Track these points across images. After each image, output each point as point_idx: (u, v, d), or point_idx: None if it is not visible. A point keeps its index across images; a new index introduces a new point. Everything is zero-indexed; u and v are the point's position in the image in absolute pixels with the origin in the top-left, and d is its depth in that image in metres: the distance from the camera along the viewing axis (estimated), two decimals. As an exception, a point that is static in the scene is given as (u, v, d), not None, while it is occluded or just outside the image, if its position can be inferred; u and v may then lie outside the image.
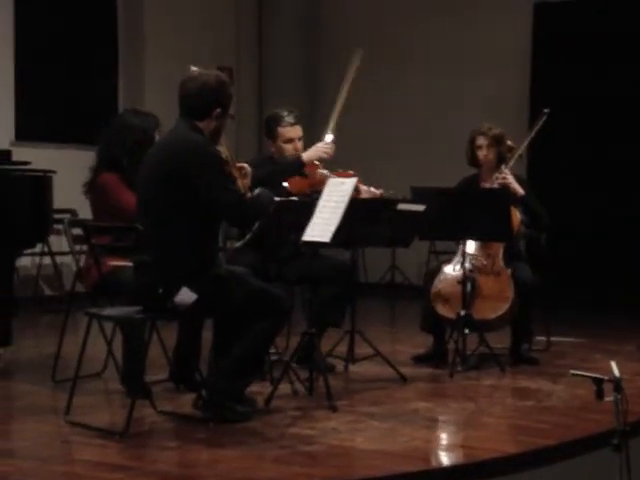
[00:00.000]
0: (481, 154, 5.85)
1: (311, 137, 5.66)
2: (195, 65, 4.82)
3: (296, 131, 5.50)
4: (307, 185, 5.28)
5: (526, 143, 5.95)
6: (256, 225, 4.77)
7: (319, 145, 5.39)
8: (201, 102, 4.26)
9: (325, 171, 5.31)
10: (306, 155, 5.37)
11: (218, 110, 4.28)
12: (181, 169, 4.13)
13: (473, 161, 5.92)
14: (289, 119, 5.47)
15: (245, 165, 4.87)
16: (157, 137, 5.01)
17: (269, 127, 5.55)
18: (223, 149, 4.72)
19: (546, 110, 5.80)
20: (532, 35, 9.39)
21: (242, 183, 4.76)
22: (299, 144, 5.49)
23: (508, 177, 5.76)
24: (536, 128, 5.89)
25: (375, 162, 9.38)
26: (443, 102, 9.81)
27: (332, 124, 5.43)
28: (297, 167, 5.33)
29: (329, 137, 5.42)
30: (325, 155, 5.37)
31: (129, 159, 4.92)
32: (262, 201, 4.39)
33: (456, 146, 6.39)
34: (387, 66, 10.04)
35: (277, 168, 5.34)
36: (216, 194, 4.14)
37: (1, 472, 3.59)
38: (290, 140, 5.47)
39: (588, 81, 8.97)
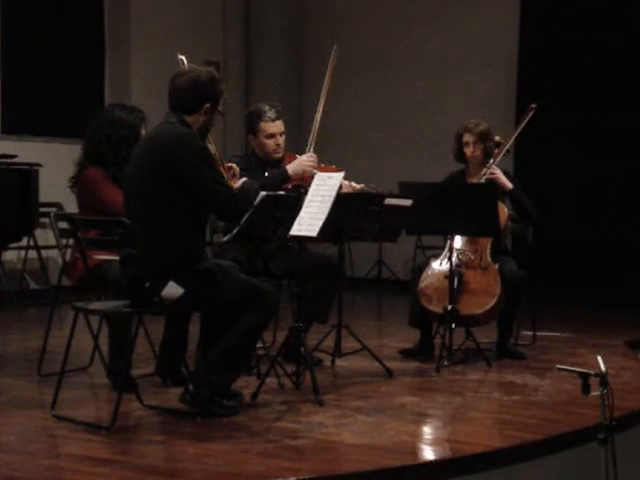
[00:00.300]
0: (468, 151, 5.87)
1: (300, 131, 5.66)
2: (183, 55, 4.82)
3: (278, 126, 5.45)
4: (291, 182, 5.26)
5: (513, 138, 5.96)
6: (244, 219, 4.77)
7: (303, 158, 5.34)
8: (191, 97, 4.25)
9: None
10: (291, 169, 5.30)
11: (208, 105, 4.28)
12: (170, 162, 4.11)
13: (460, 157, 5.94)
14: (270, 114, 5.43)
15: (234, 165, 4.86)
16: (143, 132, 4.99)
17: (251, 122, 5.50)
18: (212, 147, 4.70)
19: (533, 105, 5.81)
20: (519, 30, 9.40)
21: (231, 184, 4.74)
22: (281, 139, 5.46)
23: (496, 172, 5.77)
24: (523, 123, 5.89)
25: (361, 160, 9.41)
26: (429, 100, 9.82)
27: (313, 136, 5.39)
28: (284, 181, 5.28)
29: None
30: (309, 168, 5.30)
31: (115, 154, 4.91)
32: (248, 191, 4.41)
33: (444, 143, 6.41)
34: (372, 65, 10.05)
35: (265, 182, 5.29)
36: (206, 186, 4.13)
37: (-13, 466, 3.58)
38: (272, 135, 5.44)
39: (576, 73, 8.99)
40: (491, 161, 5.83)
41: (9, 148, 6.28)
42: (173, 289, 4.13)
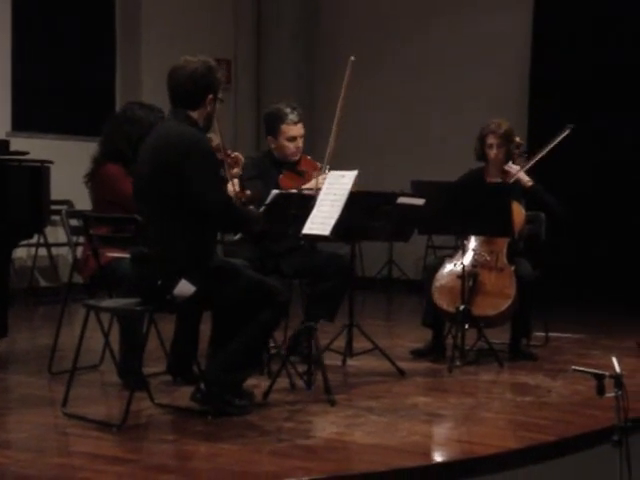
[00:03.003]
0: (492, 153, 5.84)
1: (309, 130, 5.63)
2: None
3: (299, 129, 5.42)
4: (301, 184, 5.22)
5: (541, 155, 5.82)
6: (237, 235, 4.77)
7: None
8: (193, 90, 4.21)
9: (317, 172, 5.26)
10: None
11: (210, 96, 4.25)
12: (175, 163, 4.08)
13: (482, 156, 5.91)
14: (293, 117, 5.38)
15: (238, 154, 4.83)
16: None
17: (271, 123, 5.44)
18: (215, 136, 4.68)
19: (570, 125, 5.70)
20: (532, 28, 9.36)
21: (230, 173, 4.72)
22: (301, 142, 5.43)
23: (515, 169, 5.76)
24: (555, 141, 5.77)
25: (372, 159, 9.40)
26: (441, 100, 9.79)
27: (329, 155, 5.15)
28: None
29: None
30: None
31: (133, 152, 4.90)
32: (249, 216, 4.43)
33: (455, 143, 6.39)
34: (384, 64, 10.04)
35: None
36: (204, 190, 4.08)
37: (-2, 464, 3.57)
38: (293, 138, 5.41)
39: (590, 72, 8.95)
40: (509, 163, 5.82)
41: (21, 145, 6.26)
42: (185, 287, 4.11)
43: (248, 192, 5.05)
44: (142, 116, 4.99)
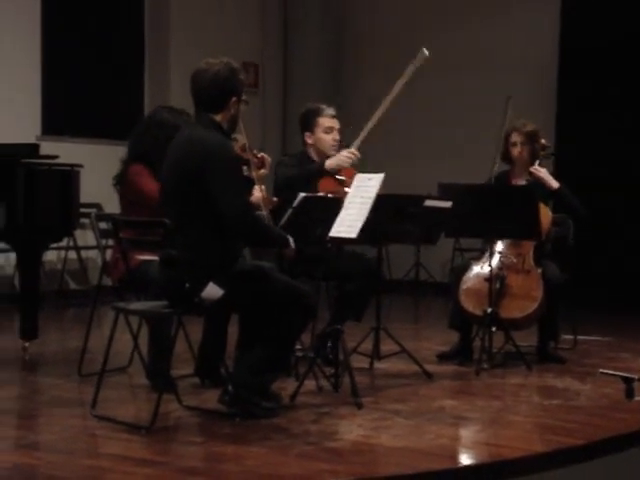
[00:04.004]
0: (515, 151, 5.83)
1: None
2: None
3: (335, 122, 5.56)
4: (340, 189, 5.24)
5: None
6: (283, 220, 4.78)
7: (343, 152, 5.39)
8: (216, 94, 4.22)
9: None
10: (328, 162, 5.37)
11: (234, 99, 4.26)
12: (198, 168, 4.09)
13: (507, 157, 5.89)
14: (329, 111, 5.56)
15: (264, 155, 4.87)
16: None
17: (307, 119, 5.56)
18: (241, 136, 4.71)
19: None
20: (560, 35, 9.33)
21: (257, 173, 4.74)
22: (338, 136, 5.51)
23: (541, 171, 5.75)
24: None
25: (398, 162, 9.39)
26: (468, 103, 9.76)
27: (364, 134, 5.36)
28: (318, 172, 5.34)
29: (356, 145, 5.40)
30: (346, 163, 5.34)
31: (160, 154, 4.93)
32: (273, 234, 4.42)
33: (481, 146, 6.37)
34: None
35: (299, 172, 5.33)
36: (222, 195, 4.07)
37: (28, 465, 3.61)
38: (330, 129, 5.50)
39: (618, 77, 8.90)
40: (537, 162, 5.80)
41: (51, 149, 6.31)
42: (213, 290, 4.12)
43: (275, 199, 5.11)
44: (170, 120, 5.03)
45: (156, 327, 4.75)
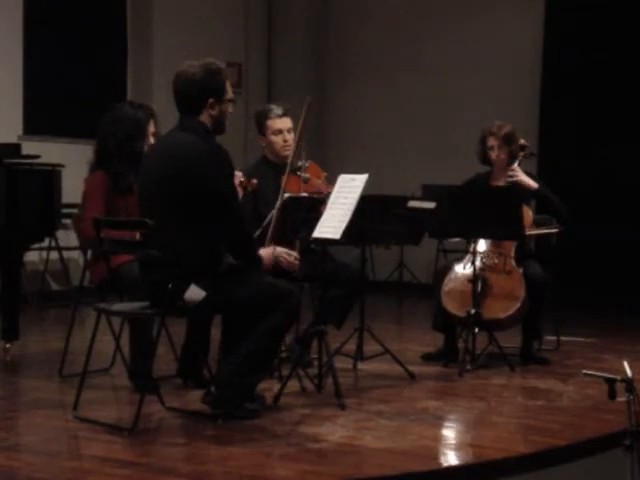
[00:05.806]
0: (493, 154, 5.83)
1: (319, 133, 5.63)
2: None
3: (284, 122, 5.41)
4: (304, 190, 5.20)
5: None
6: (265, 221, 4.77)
7: (279, 251, 4.78)
8: (192, 96, 4.20)
9: (320, 181, 5.29)
10: (262, 252, 4.67)
11: (211, 100, 4.23)
12: (191, 177, 4.08)
13: (485, 160, 5.90)
14: (277, 111, 5.41)
15: (254, 181, 4.88)
16: (152, 129, 4.99)
17: (258, 122, 5.48)
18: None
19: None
20: (543, 31, 9.36)
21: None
22: (289, 136, 5.40)
23: (519, 173, 5.75)
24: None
25: (384, 163, 9.41)
26: (453, 103, 9.78)
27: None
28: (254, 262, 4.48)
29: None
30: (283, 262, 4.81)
31: (119, 150, 4.90)
32: (254, 244, 4.43)
33: (467, 147, 6.38)
34: (396, 67, 10.04)
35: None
36: (226, 202, 4.14)
37: (9, 467, 3.58)
38: (279, 131, 5.41)
39: (601, 79, 8.93)
40: (516, 163, 5.80)
41: (32, 149, 6.28)
42: (195, 292, 4.11)
43: (254, 181, 5.00)
44: (129, 114, 4.98)
45: (138, 328, 4.73)
